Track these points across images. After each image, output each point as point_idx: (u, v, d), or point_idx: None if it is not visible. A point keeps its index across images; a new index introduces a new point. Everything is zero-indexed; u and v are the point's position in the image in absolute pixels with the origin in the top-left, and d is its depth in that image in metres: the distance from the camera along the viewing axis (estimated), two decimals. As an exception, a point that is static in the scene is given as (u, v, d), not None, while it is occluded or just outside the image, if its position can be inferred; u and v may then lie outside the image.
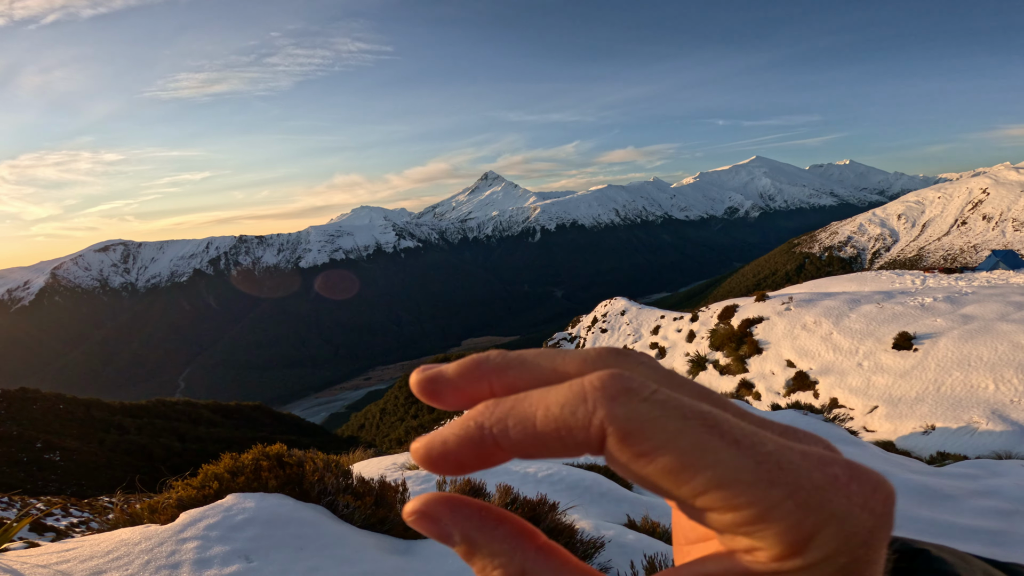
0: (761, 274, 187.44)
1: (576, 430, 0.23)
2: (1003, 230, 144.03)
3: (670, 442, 0.22)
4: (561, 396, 0.23)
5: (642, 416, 0.22)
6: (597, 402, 0.23)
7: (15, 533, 2.91)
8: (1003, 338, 14.33)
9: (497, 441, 0.23)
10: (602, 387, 0.23)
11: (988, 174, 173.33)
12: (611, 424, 0.22)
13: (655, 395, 0.22)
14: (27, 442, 41.55)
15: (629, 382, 0.22)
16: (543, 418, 0.23)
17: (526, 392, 0.23)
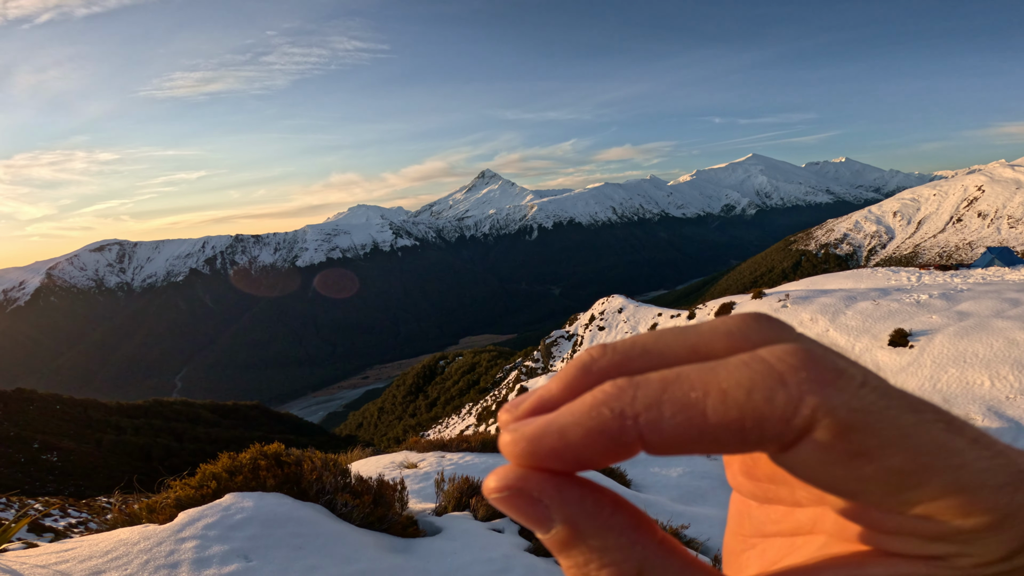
0: (758, 271, 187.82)
1: (772, 421, 0.17)
2: (998, 227, 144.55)
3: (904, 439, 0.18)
4: (743, 377, 0.17)
5: (868, 407, 0.17)
6: (804, 386, 0.17)
7: (14, 534, 2.90)
8: (998, 335, 14.40)
9: (643, 435, 0.17)
10: (804, 366, 0.17)
11: (983, 171, 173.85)
12: (828, 415, 0.17)
13: (872, 381, 0.18)
14: (24, 443, 41.44)
15: (836, 362, 0.18)
16: (719, 406, 0.17)
17: (673, 371, 0.18)
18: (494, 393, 58.20)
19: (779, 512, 0.24)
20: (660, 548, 0.20)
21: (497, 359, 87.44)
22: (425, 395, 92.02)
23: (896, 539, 0.19)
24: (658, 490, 6.26)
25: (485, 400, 58.28)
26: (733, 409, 0.17)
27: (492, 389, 67.22)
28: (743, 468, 0.24)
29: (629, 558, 0.19)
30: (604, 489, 0.20)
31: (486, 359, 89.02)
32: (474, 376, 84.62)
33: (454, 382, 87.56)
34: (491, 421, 39.48)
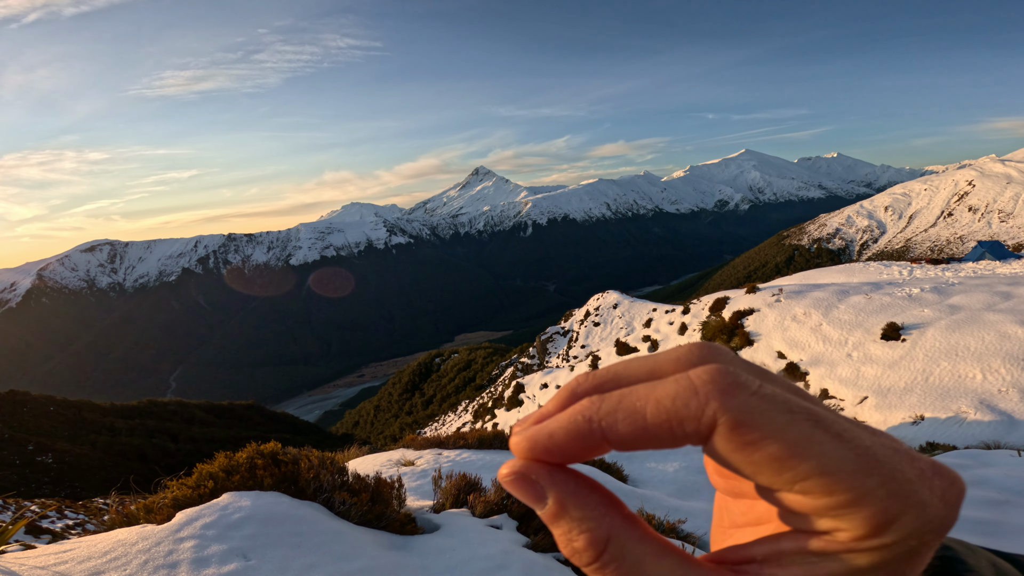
0: (751, 266, 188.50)
1: (688, 421, 0.26)
2: (989, 221, 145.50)
3: (778, 433, 0.25)
4: (671, 390, 0.26)
5: (752, 408, 0.25)
6: (709, 395, 0.26)
7: (11, 535, 2.90)
8: (990, 328, 14.51)
9: (605, 435, 0.26)
10: (712, 380, 0.26)
11: (974, 166, 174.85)
12: (724, 415, 0.25)
13: (762, 389, 0.26)
14: (19, 445, 41.17)
15: (737, 376, 0.25)
16: (654, 411, 0.26)
17: (628, 388, 0.26)
18: (490, 390, 58.23)
19: (746, 504, 0.32)
20: (626, 521, 0.27)
21: (493, 356, 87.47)
22: (421, 392, 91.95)
23: (799, 518, 0.26)
24: (655, 485, 6.31)
25: (481, 397, 58.30)
26: (663, 414, 0.26)
27: (488, 386, 67.24)
28: (715, 467, 0.32)
29: (601, 526, 0.27)
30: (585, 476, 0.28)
31: (482, 356, 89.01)
32: (470, 373, 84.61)
33: (450, 379, 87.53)
34: (487, 418, 39.51)
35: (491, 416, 39.34)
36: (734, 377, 0.26)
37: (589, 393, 0.28)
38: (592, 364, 31.21)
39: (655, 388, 0.26)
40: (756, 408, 0.25)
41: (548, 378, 36.10)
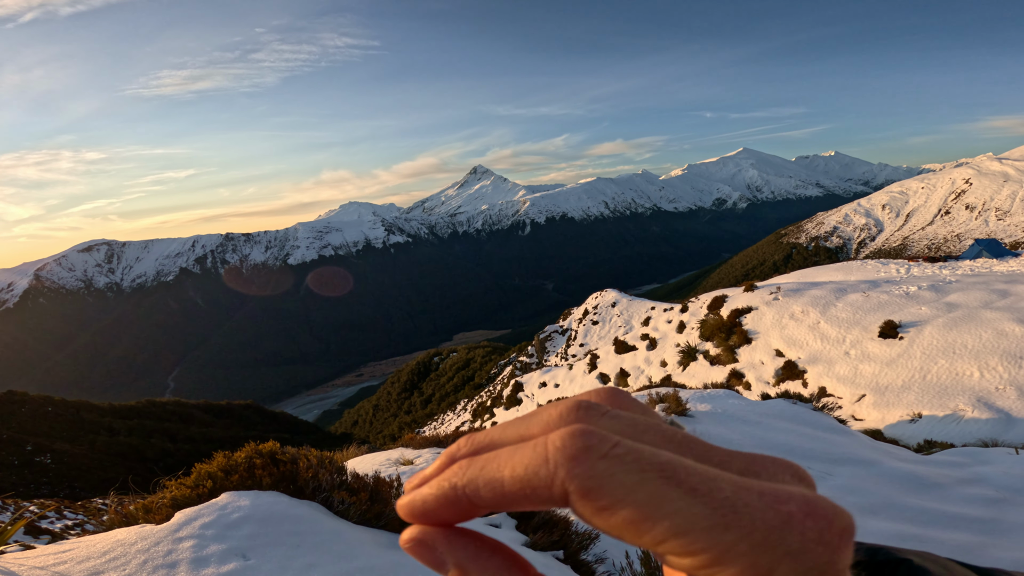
0: (749, 264, 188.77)
1: (540, 489, 0.25)
2: (986, 219, 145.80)
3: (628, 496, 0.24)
4: (526, 457, 0.25)
5: (600, 473, 0.24)
6: (558, 462, 0.25)
7: (10, 536, 2.90)
8: (987, 326, 14.55)
9: (471, 501, 0.25)
10: (562, 447, 0.25)
11: (971, 165, 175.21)
12: (571, 483, 0.24)
13: (614, 450, 0.24)
14: (17, 445, 41.10)
15: (588, 439, 0.25)
16: (510, 479, 0.25)
17: (494, 453, 0.25)
18: (489, 389, 58.25)
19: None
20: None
21: (491, 355, 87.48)
22: (420, 392, 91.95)
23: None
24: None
25: (480, 396, 58.32)
26: (518, 482, 0.25)
27: (487, 385, 67.26)
28: None
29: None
30: (485, 537, 0.27)
31: (480, 355, 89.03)
32: (469, 372, 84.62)
33: (449, 378, 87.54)
34: (486, 417, 39.51)
35: (490, 415, 39.36)
36: (585, 441, 0.25)
37: (464, 458, 0.27)
38: (591, 362, 31.24)
39: (514, 455, 0.25)
40: (603, 472, 0.24)
41: (546, 377, 36.12)
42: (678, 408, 9.22)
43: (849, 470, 7.32)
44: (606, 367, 29.12)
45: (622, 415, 0.25)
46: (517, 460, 0.25)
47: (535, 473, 0.25)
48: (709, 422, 8.97)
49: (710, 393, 12.07)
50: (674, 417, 8.92)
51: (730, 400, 11.38)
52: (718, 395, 11.84)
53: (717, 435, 8.17)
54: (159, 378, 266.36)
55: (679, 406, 9.25)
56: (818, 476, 6.95)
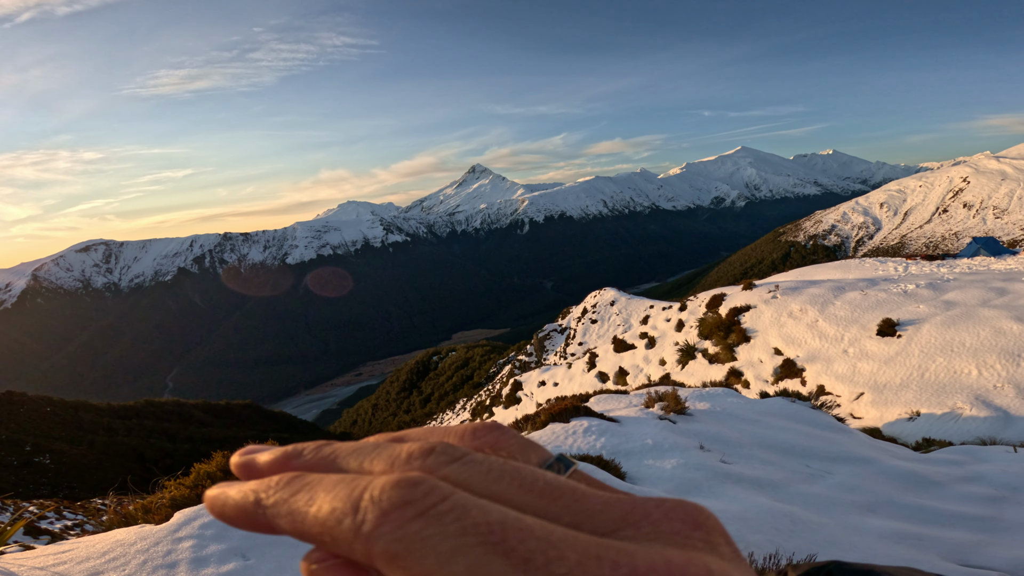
0: (748, 263, 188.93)
1: (341, 540, 0.20)
2: (984, 218, 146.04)
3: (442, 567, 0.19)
4: (338, 498, 0.20)
5: (411, 535, 0.19)
6: (367, 513, 0.20)
7: (10, 536, 2.90)
8: (985, 324, 14.58)
9: (269, 524, 0.22)
10: (379, 497, 0.20)
11: (968, 163, 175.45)
12: (375, 543, 0.20)
13: (436, 506, 0.20)
14: (16, 445, 41.04)
15: (411, 491, 0.20)
16: (312, 519, 0.20)
17: (320, 477, 0.21)
18: (488, 388, 58.28)
19: None
20: None
21: (490, 353, 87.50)
22: (419, 391, 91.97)
23: None
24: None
25: (479, 395, 58.35)
26: (319, 525, 0.20)
27: (486, 384, 67.27)
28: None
29: None
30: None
31: (479, 354, 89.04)
32: (468, 371, 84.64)
33: (448, 377, 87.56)
34: (485, 416, 39.52)
35: (489, 414, 39.38)
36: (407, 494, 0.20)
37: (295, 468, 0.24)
38: (590, 361, 31.25)
39: (330, 491, 0.20)
40: (415, 535, 0.19)
41: (545, 375, 36.14)
42: (677, 407, 9.23)
43: (848, 468, 7.34)
44: (605, 366, 29.15)
45: (478, 459, 0.21)
46: (327, 499, 0.20)
47: (339, 521, 0.20)
48: (708, 421, 8.99)
49: (709, 391, 12.09)
50: (673, 416, 8.94)
51: (729, 398, 11.40)
52: (717, 393, 11.86)
53: (715, 434, 8.19)
54: (158, 378, 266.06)
55: (678, 404, 9.27)
56: (816, 474, 6.96)
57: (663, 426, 8.00)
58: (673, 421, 8.58)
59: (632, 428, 7.78)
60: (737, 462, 6.92)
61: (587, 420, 7.87)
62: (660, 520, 0.20)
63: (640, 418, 8.46)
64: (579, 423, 7.74)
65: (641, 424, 8.02)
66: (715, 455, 7.03)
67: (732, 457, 7.14)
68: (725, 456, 7.11)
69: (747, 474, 6.33)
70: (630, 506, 0.20)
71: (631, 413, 9.01)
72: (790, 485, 6.26)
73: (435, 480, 0.20)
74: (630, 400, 10.70)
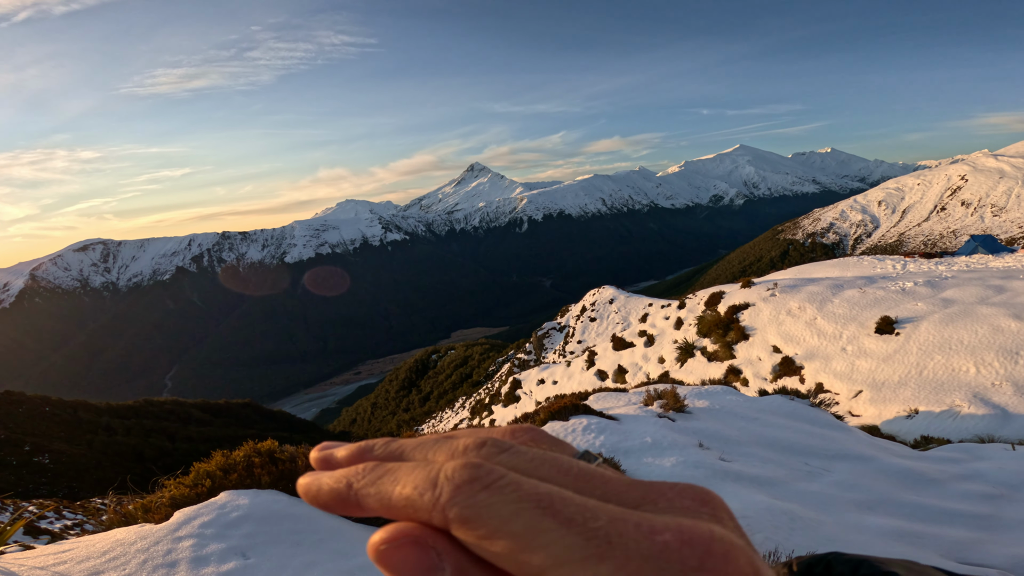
0: (746, 261, 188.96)
1: (422, 511, 0.26)
2: (982, 215, 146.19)
3: (504, 526, 0.25)
4: (418, 479, 0.26)
5: (479, 503, 0.25)
6: (444, 488, 0.25)
7: (10, 536, 2.89)
8: (983, 321, 14.61)
9: (359, 503, 0.28)
10: (451, 476, 0.26)
11: (967, 161, 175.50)
12: (451, 510, 0.25)
13: (497, 482, 0.25)
14: (15, 445, 41.00)
15: (476, 471, 0.25)
16: (397, 496, 0.27)
17: (399, 464, 0.28)
18: (487, 386, 58.28)
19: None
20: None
21: (489, 352, 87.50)
22: (418, 389, 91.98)
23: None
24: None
25: (478, 393, 58.35)
26: (404, 500, 0.26)
27: (485, 382, 67.28)
28: None
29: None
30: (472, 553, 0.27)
31: (478, 352, 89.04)
32: (467, 369, 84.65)
33: (447, 376, 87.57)
34: (484, 414, 39.54)
35: (488, 412, 39.37)
36: (473, 472, 0.26)
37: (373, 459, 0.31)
38: (589, 359, 31.27)
39: (410, 473, 0.27)
40: (483, 503, 0.25)
41: (545, 374, 36.16)
42: (676, 405, 9.24)
43: (846, 466, 7.35)
44: (604, 364, 29.17)
45: (522, 450, 0.28)
46: (409, 480, 0.27)
47: (421, 495, 0.26)
48: (707, 418, 9.00)
49: (708, 389, 12.10)
50: (672, 413, 8.95)
51: (728, 396, 11.42)
52: (716, 391, 11.87)
53: (715, 431, 8.20)
54: (156, 377, 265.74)
55: (677, 402, 9.28)
56: (816, 472, 6.97)
57: (662, 424, 8.01)
58: (672, 419, 8.59)
59: (631, 426, 7.79)
60: (736, 460, 6.93)
61: (586, 418, 7.88)
62: (674, 498, 0.26)
63: (639, 416, 8.47)
64: (578, 421, 7.75)
65: (640, 422, 8.02)
66: (714, 453, 7.04)
67: (731, 455, 7.15)
68: (724, 454, 7.12)
69: (746, 472, 6.34)
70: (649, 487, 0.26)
71: (630, 411, 9.02)
72: (789, 483, 6.28)
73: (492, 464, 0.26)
74: (629, 398, 10.71)
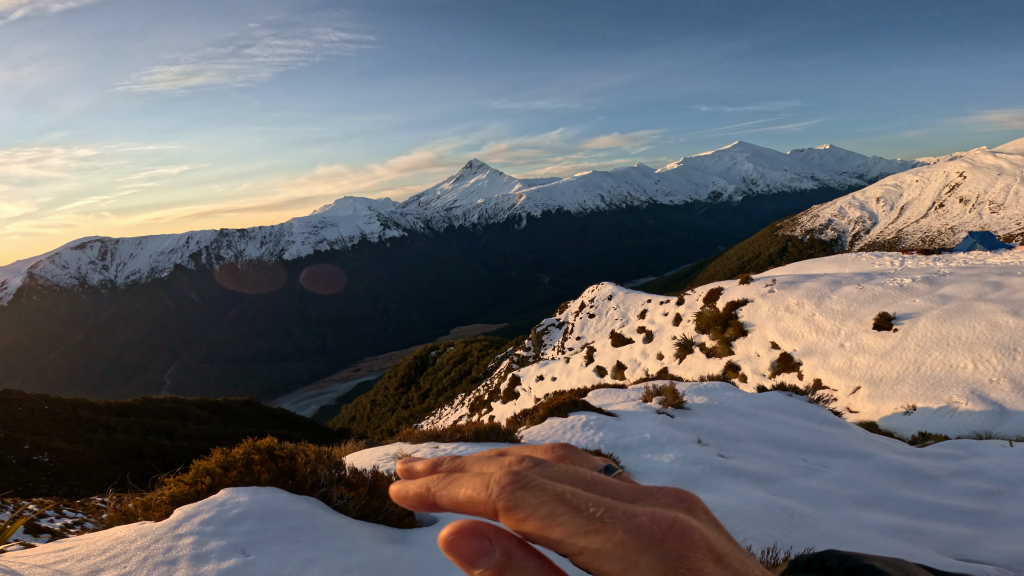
0: (745, 257, 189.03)
1: (480, 506, 0.40)
2: (980, 212, 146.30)
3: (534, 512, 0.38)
4: (477, 485, 0.41)
5: (519, 497, 0.39)
6: (493, 489, 0.40)
7: (10, 535, 2.90)
8: (981, 318, 14.62)
9: (434, 503, 0.43)
10: (499, 480, 0.40)
11: (965, 158, 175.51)
12: (499, 502, 0.39)
13: (530, 483, 0.39)
14: (14, 444, 40.98)
15: (516, 476, 0.40)
16: (462, 497, 0.41)
17: (462, 474, 0.43)
18: (486, 383, 58.30)
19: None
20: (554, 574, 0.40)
21: (488, 348, 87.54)
22: (417, 386, 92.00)
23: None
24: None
25: (478, 390, 58.39)
26: (466, 499, 0.41)
27: (484, 379, 67.33)
28: None
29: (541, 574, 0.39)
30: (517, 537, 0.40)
31: (477, 349, 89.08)
32: (466, 366, 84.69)
33: (446, 372, 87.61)
34: (484, 411, 39.57)
35: (487, 409, 39.41)
36: (514, 478, 0.40)
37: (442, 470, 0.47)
38: (588, 356, 31.29)
39: (471, 480, 0.42)
40: (520, 496, 0.39)
41: (544, 370, 36.18)
42: (675, 401, 9.26)
43: (844, 462, 7.37)
44: (603, 360, 29.18)
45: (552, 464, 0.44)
46: (470, 485, 0.41)
47: (478, 495, 0.40)
48: (705, 415, 9.01)
49: (706, 386, 12.12)
50: (670, 410, 8.96)
51: (726, 392, 11.43)
52: (714, 387, 11.89)
53: (713, 428, 8.20)
54: (155, 375, 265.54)
55: (676, 399, 9.29)
56: (814, 468, 6.99)
57: (661, 420, 8.02)
58: (671, 415, 8.60)
59: (630, 422, 7.80)
60: (735, 456, 6.94)
61: (585, 414, 7.88)
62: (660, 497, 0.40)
63: (638, 412, 8.48)
64: (577, 417, 7.76)
65: (639, 418, 8.03)
66: (713, 449, 7.06)
67: (730, 451, 7.16)
68: (723, 450, 7.13)
69: (745, 468, 6.36)
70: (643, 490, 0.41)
71: (629, 407, 9.03)
72: (787, 479, 6.29)
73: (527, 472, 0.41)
74: (628, 394, 10.72)
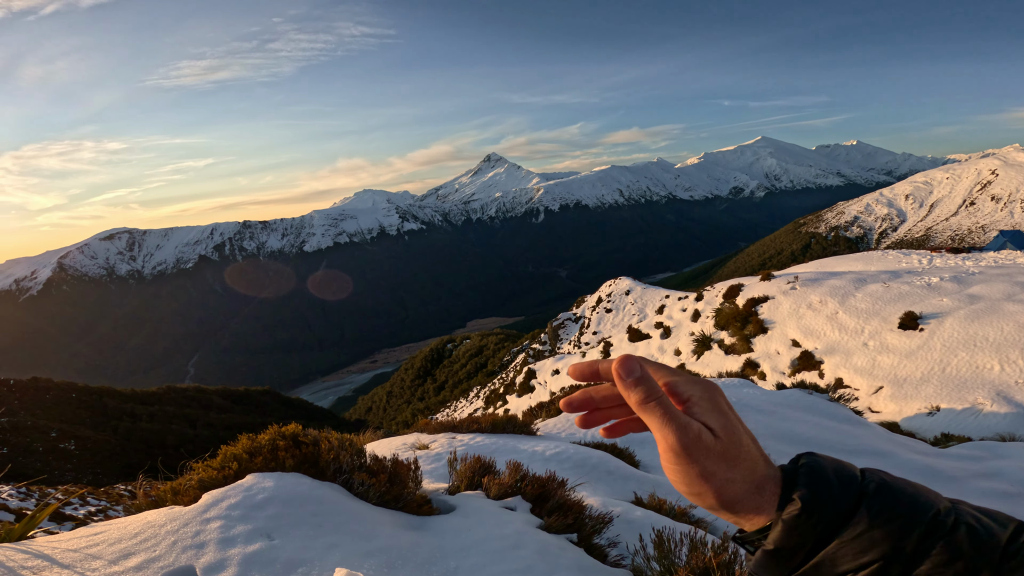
0: (766, 254, 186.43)
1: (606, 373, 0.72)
2: (1011, 211, 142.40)
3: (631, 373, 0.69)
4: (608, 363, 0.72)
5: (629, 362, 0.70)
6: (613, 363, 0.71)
7: (39, 522, 3.00)
8: (1009, 318, 14.29)
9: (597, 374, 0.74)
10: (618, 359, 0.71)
11: (997, 155, 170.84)
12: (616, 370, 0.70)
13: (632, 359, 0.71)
14: (42, 431, 42.10)
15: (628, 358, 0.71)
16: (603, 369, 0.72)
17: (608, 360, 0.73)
18: (502, 376, 58.47)
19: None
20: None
21: (504, 342, 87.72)
22: (433, 378, 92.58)
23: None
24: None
25: (493, 383, 58.58)
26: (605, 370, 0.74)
27: (500, 372, 67.52)
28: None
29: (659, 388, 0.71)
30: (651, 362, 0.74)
31: (493, 342, 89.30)
32: (482, 359, 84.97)
33: (462, 365, 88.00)
34: (499, 404, 39.71)
35: (503, 402, 39.55)
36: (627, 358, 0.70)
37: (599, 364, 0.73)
38: (604, 351, 31.20)
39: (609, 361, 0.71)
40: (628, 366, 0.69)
41: (559, 364, 36.18)
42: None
43: (864, 461, 7.28)
44: (619, 355, 29.07)
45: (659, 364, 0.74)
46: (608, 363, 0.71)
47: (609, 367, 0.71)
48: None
49: (724, 382, 12.03)
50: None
51: (745, 389, 11.34)
52: (733, 384, 11.80)
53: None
54: (179, 364, 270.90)
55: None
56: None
57: (678, 417, 7.98)
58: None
59: (647, 418, 7.77)
60: (752, 453, 6.89)
61: (602, 410, 7.87)
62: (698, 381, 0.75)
63: (655, 408, 8.44)
64: (594, 413, 7.75)
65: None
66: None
67: (747, 448, 7.11)
68: (740, 447, 7.08)
69: (762, 465, 6.30)
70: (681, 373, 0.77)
71: (646, 403, 8.99)
72: (806, 477, 6.22)
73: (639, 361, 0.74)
74: (645, 391, 10.66)
